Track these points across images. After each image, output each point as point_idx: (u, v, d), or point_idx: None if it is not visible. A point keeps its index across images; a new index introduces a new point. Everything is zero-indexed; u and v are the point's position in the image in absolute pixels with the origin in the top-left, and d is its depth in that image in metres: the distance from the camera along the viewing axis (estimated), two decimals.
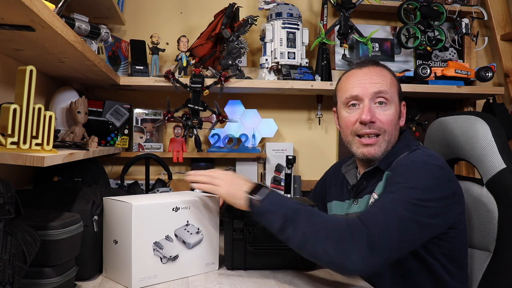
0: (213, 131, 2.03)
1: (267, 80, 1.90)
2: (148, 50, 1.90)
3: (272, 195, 1.06)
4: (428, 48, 2.06)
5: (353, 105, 1.21)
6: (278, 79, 1.94)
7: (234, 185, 1.10)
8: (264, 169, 2.11)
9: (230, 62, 1.87)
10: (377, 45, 2.18)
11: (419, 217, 1.00)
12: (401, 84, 1.94)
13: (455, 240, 1.15)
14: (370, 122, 1.16)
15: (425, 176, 1.06)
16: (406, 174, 1.07)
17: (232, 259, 1.19)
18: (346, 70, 1.29)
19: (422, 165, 1.09)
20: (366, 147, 1.18)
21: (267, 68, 1.94)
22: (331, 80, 1.97)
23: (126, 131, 1.88)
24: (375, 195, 1.16)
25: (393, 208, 0.99)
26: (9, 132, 0.88)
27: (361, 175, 1.26)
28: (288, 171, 1.87)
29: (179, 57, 1.88)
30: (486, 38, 2.15)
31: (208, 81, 1.83)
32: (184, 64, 1.88)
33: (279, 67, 1.94)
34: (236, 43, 1.86)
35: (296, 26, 1.95)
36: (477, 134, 1.29)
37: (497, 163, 1.25)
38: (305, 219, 0.99)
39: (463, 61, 2.22)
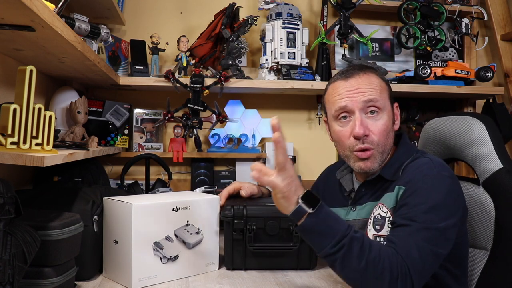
0: (213, 131, 2.03)
1: (267, 80, 1.90)
2: (148, 50, 1.90)
3: (324, 211, 0.96)
4: (428, 48, 2.06)
5: (344, 117, 1.15)
6: (278, 79, 1.94)
7: (293, 183, 0.94)
8: None
9: (230, 62, 1.87)
10: (377, 45, 2.18)
11: (444, 247, 1.03)
12: (401, 84, 1.98)
13: (460, 245, 1.15)
14: (364, 136, 1.12)
15: (442, 190, 1.06)
16: (423, 192, 1.06)
17: (232, 259, 1.19)
18: (330, 80, 1.22)
19: (437, 179, 1.07)
20: (362, 161, 1.14)
21: (267, 68, 1.94)
22: None
23: (126, 131, 1.88)
24: (383, 208, 1.13)
25: (425, 246, 0.99)
26: (9, 132, 0.88)
27: (361, 183, 1.24)
28: None
29: (179, 57, 1.88)
30: (486, 38, 2.15)
31: (208, 81, 1.83)
32: (184, 64, 1.88)
33: (279, 67, 1.94)
34: (236, 43, 1.86)
35: (296, 26, 1.95)
36: (474, 134, 1.30)
37: (494, 163, 1.25)
38: (357, 253, 0.93)
39: (463, 61, 2.22)
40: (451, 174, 1.10)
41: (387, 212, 1.12)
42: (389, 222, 1.11)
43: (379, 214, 1.14)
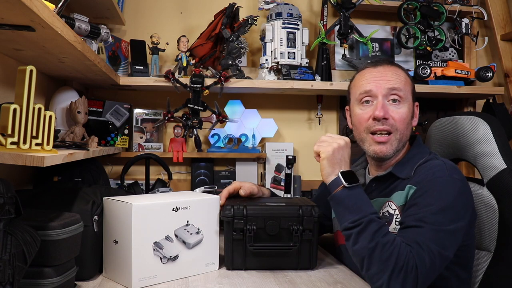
0: (213, 131, 2.03)
1: (267, 80, 1.90)
2: (148, 50, 1.90)
3: (357, 191, 1.08)
4: (428, 48, 2.06)
5: (367, 101, 1.20)
6: (278, 79, 1.94)
7: (338, 155, 1.11)
8: (264, 169, 2.11)
9: (230, 62, 1.87)
10: (377, 45, 2.18)
11: (451, 249, 1.04)
12: None
13: (468, 248, 1.15)
14: (383, 118, 1.16)
15: (452, 193, 1.07)
16: (434, 193, 1.07)
17: (232, 259, 1.19)
18: (360, 68, 1.28)
19: (448, 182, 1.09)
20: (378, 145, 1.18)
21: (267, 68, 1.94)
22: (331, 80, 1.97)
23: (126, 131, 1.88)
24: (392, 205, 1.15)
25: (433, 248, 1.00)
26: (9, 132, 0.88)
27: (372, 178, 1.25)
28: (288, 171, 1.87)
29: (179, 57, 1.88)
30: (486, 38, 2.15)
31: (208, 81, 1.83)
32: (184, 64, 1.88)
33: (279, 67, 1.94)
34: (236, 43, 1.86)
35: (296, 26, 1.95)
36: (478, 134, 1.29)
37: (498, 164, 1.25)
38: (371, 234, 1.00)
39: (463, 61, 2.22)
40: (462, 178, 1.12)
41: (395, 209, 1.13)
42: (396, 219, 1.12)
43: (387, 211, 1.15)
